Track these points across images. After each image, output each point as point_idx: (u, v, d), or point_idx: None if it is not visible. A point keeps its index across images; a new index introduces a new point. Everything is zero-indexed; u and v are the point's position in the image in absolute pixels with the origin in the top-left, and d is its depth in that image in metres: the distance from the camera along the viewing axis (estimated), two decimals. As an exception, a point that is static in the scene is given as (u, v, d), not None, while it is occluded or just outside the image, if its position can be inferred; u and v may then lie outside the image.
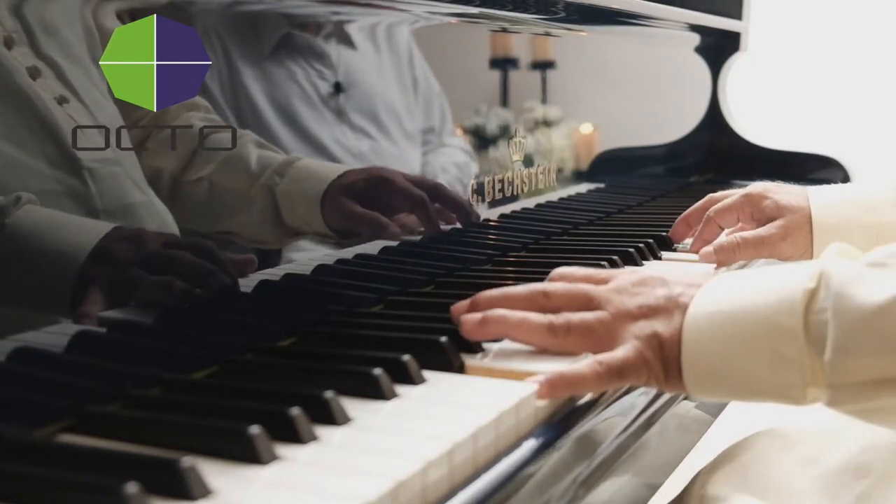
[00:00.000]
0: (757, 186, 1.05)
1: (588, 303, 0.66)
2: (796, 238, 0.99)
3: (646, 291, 0.65)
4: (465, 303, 0.70)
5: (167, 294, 0.64)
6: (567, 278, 0.70)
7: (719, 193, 1.09)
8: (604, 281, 0.68)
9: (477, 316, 0.66)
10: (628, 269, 0.74)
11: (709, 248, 1.00)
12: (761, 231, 1.00)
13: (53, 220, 0.58)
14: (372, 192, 0.83)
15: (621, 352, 0.62)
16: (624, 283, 0.66)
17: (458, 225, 0.96)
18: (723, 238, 1.01)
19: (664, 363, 0.62)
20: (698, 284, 0.64)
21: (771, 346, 0.58)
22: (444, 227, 0.94)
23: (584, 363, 0.62)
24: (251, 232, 0.73)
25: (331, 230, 0.79)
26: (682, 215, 1.11)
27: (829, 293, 0.57)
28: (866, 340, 0.55)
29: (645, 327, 0.62)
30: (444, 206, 0.94)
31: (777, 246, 0.99)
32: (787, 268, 0.62)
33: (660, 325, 0.62)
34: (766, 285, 0.61)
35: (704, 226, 1.06)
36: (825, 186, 1.05)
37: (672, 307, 0.63)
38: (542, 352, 0.67)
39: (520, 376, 0.62)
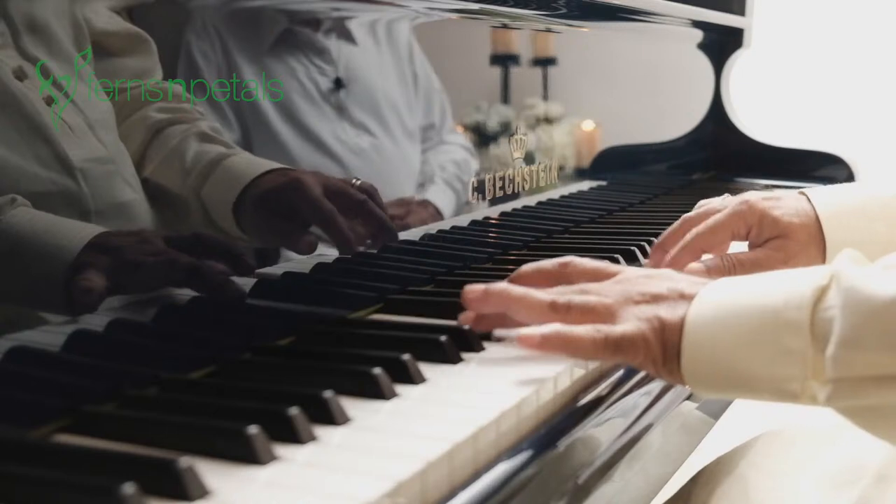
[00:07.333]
0: (748, 199, 0.89)
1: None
2: (800, 260, 0.87)
3: (650, 283, 0.65)
4: (479, 287, 0.69)
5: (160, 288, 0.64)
6: (572, 268, 0.71)
7: (695, 213, 0.92)
8: (610, 275, 0.69)
9: (479, 288, 0.67)
10: (635, 267, 0.74)
11: (700, 266, 0.86)
12: (759, 254, 0.88)
13: (45, 220, 0.57)
14: (286, 201, 0.73)
15: (622, 326, 0.62)
16: (629, 276, 0.67)
17: (375, 242, 0.84)
18: (716, 259, 0.87)
19: (663, 347, 0.62)
20: (704, 282, 0.64)
21: (775, 337, 0.58)
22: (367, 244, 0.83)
23: (582, 327, 0.61)
24: (210, 231, 0.69)
25: (250, 237, 0.71)
26: (658, 242, 0.93)
27: (839, 290, 0.57)
28: (873, 334, 0.55)
29: (648, 310, 0.63)
30: (367, 221, 0.82)
31: (777, 270, 0.91)
32: (802, 269, 0.62)
33: (663, 310, 0.62)
34: (777, 281, 0.61)
35: (682, 251, 0.88)
36: (828, 189, 0.91)
37: (676, 297, 0.63)
38: (542, 355, 0.65)
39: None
